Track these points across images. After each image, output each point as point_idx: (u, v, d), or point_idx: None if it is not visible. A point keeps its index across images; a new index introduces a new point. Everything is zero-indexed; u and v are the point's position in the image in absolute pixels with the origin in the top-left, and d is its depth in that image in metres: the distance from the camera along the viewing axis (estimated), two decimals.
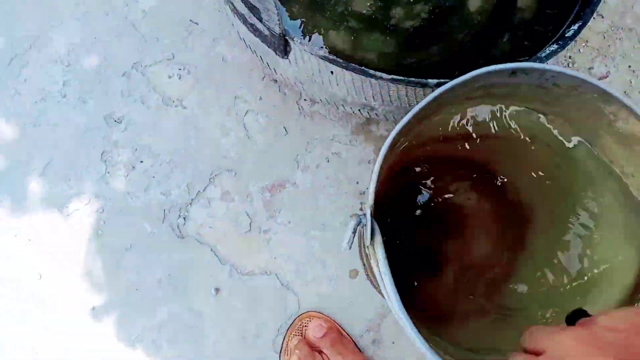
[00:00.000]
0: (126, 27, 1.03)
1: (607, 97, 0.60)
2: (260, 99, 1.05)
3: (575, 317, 0.43)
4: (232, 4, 0.83)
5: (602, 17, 1.20)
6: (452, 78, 0.60)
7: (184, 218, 0.96)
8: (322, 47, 0.78)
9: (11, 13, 1.02)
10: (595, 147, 0.69)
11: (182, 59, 1.04)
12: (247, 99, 1.04)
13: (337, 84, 0.86)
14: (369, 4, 1.00)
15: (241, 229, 0.98)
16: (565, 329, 0.37)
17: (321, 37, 0.98)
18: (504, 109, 0.75)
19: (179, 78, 1.03)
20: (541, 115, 0.74)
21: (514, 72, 0.62)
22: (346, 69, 0.80)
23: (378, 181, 0.55)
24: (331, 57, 0.79)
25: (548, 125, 0.74)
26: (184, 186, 0.98)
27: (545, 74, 0.61)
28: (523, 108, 0.74)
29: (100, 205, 0.96)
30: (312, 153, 1.04)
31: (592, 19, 0.97)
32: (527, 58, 0.83)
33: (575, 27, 0.88)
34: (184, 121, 1.01)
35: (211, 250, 0.96)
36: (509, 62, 0.61)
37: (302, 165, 1.03)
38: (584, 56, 1.18)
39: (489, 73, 0.60)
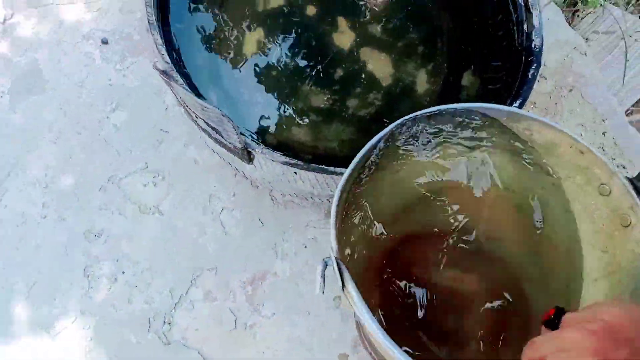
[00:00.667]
0: (100, 143, 1.09)
1: (516, 116, 0.70)
2: (234, 195, 1.09)
3: (556, 317, 0.44)
4: (197, 122, 0.89)
5: (545, 78, 1.30)
6: None
7: (169, 324, 0.98)
8: (283, 154, 0.84)
9: None
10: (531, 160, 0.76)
11: (156, 166, 1.09)
12: (221, 196, 1.09)
13: (302, 181, 0.91)
14: (325, 98, 1.08)
15: (226, 327, 0.99)
16: (564, 330, 0.38)
17: (284, 133, 1.05)
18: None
19: (154, 185, 1.08)
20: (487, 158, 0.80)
21: (429, 116, 0.70)
22: (307, 170, 0.85)
23: (336, 227, 0.59)
24: (292, 161, 0.85)
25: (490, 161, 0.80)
26: (167, 292, 1.00)
27: (457, 113, 0.70)
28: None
29: (86, 322, 0.97)
30: (289, 241, 1.07)
31: (536, 81, 1.05)
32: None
33: (517, 104, 0.95)
34: (161, 227, 1.05)
35: (198, 353, 0.97)
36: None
37: (280, 254, 1.06)
38: None
39: (401, 124, 0.69)
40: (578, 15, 1.50)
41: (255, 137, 1.04)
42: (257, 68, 1.08)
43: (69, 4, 1.17)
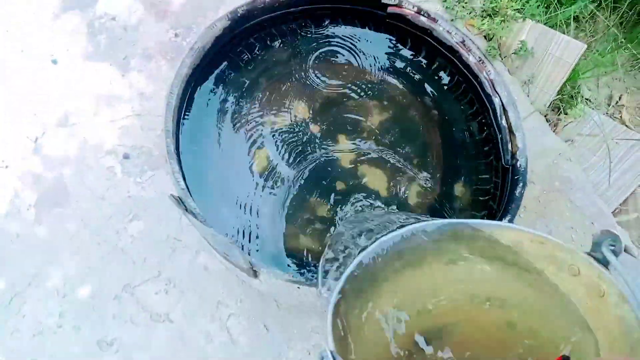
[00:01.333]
0: (116, 253, 1.16)
1: (475, 226, 0.76)
2: (241, 301, 1.15)
3: None
4: (209, 242, 0.97)
5: (534, 183, 1.39)
6: None
7: None
8: (284, 272, 0.90)
9: (10, 254, 1.15)
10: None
11: (168, 274, 1.16)
12: (228, 303, 1.14)
13: (305, 294, 0.97)
14: (327, 208, 1.16)
15: None
16: None
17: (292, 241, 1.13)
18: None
19: (166, 293, 1.13)
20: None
21: (404, 236, 0.76)
22: (309, 286, 0.92)
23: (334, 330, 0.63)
24: (295, 278, 0.91)
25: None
26: None
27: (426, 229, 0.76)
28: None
29: None
30: (294, 349, 1.11)
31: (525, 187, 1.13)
32: None
33: (507, 220, 1.03)
34: (171, 336, 1.09)
35: None
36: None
37: None
38: (525, 220, 1.33)
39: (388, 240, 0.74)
40: (562, 121, 1.62)
41: (262, 245, 1.11)
42: (265, 182, 1.18)
43: (94, 123, 1.30)
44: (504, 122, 1.19)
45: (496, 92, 1.20)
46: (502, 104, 1.19)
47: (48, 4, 1.47)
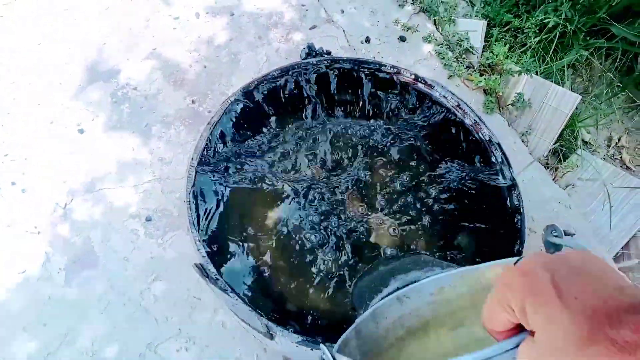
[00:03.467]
0: (141, 312, 1.24)
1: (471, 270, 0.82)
2: (257, 356, 1.21)
3: None
4: (229, 308, 1.04)
5: (535, 232, 1.44)
6: None
7: None
8: (298, 335, 0.97)
9: (43, 316, 1.24)
10: None
11: (188, 332, 1.22)
12: (245, 359, 1.20)
13: (318, 354, 1.03)
14: (339, 268, 1.23)
15: None
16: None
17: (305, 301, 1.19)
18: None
19: (186, 350, 1.20)
20: None
21: (398, 298, 0.81)
22: (324, 344, 0.98)
23: None
24: (307, 339, 0.98)
25: None
26: None
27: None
28: None
29: None
30: None
31: (527, 236, 1.19)
32: None
33: None
34: None
35: None
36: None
37: None
38: None
39: (382, 305, 0.79)
40: (561, 168, 1.69)
41: (276, 306, 1.18)
42: (277, 242, 1.25)
43: (119, 188, 1.40)
44: (501, 179, 1.26)
45: (492, 151, 1.27)
46: (499, 162, 1.26)
47: (74, 76, 1.61)
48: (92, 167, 1.44)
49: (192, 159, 1.18)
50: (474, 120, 1.31)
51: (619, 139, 1.94)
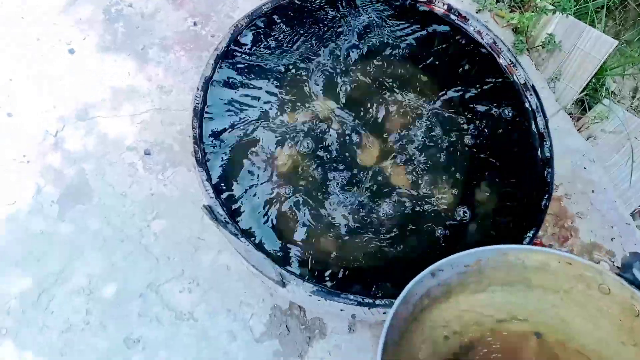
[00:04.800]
0: (140, 251, 1.17)
1: (503, 250, 0.80)
2: (263, 300, 1.16)
3: None
4: (240, 253, 0.97)
5: (556, 185, 1.37)
6: None
7: None
8: (313, 284, 0.91)
9: (36, 252, 1.16)
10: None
11: (191, 273, 1.17)
12: (250, 302, 1.16)
13: (330, 305, 0.98)
14: (350, 211, 1.16)
15: None
16: None
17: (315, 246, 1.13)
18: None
19: (189, 292, 1.15)
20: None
21: (432, 274, 0.78)
22: (336, 299, 0.93)
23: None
24: (321, 288, 0.92)
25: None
26: None
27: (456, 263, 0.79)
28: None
29: None
30: (314, 347, 1.13)
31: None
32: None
33: (531, 233, 1.03)
34: (195, 334, 1.11)
35: None
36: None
37: None
38: (545, 223, 1.33)
39: (416, 283, 0.75)
40: (586, 117, 1.59)
41: (286, 252, 1.11)
42: (290, 185, 1.17)
43: (114, 117, 1.28)
44: (533, 127, 1.16)
45: (526, 97, 1.17)
46: (532, 109, 1.16)
47: None
48: (84, 92, 1.30)
49: (197, 88, 1.05)
50: (510, 60, 1.19)
51: None
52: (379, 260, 1.19)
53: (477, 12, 1.56)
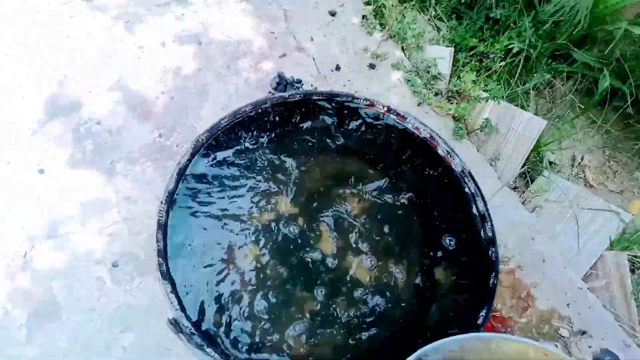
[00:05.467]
0: None
1: (487, 338, 0.84)
2: None
3: None
4: None
5: (507, 257, 1.46)
6: None
7: None
8: None
9: None
10: None
11: None
12: None
13: None
14: (315, 303, 1.20)
15: None
16: None
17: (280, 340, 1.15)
18: None
19: None
20: None
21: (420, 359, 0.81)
22: None
23: None
24: None
25: None
26: None
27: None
28: None
29: None
30: None
31: (500, 265, 1.19)
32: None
33: (484, 312, 1.09)
34: None
35: None
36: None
37: None
38: (503, 296, 1.40)
39: None
40: (529, 191, 1.72)
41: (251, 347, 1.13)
42: (252, 281, 1.22)
43: (82, 232, 1.33)
44: (474, 210, 1.27)
45: (465, 182, 1.28)
46: (472, 193, 1.27)
47: (33, 111, 1.52)
48: (53, 209, 1.36)
49: (161, 202, 1.13)
50: (447, 151, 1.32)
51: (582, 158, 2.00)
52: (350, 352, 1.22)
53: (418, 105, 1.73)
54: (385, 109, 1.36)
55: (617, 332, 1.39)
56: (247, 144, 1.35)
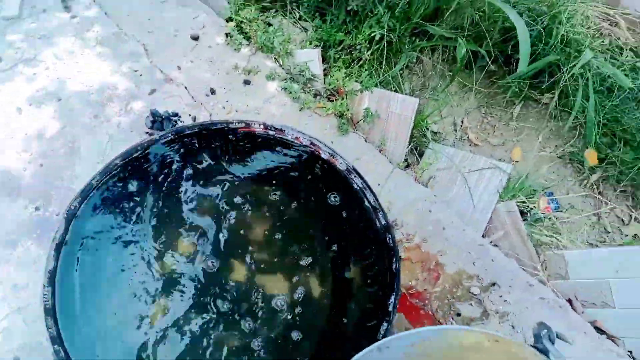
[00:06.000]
0: None
1: (447, 331, 0.86)
2: None
3: None
4: None
5: (411, 234, 1.54)
6: None
7: None
8: None
9: None
10: None
11: None
12: None
13: None
14: (238, 337, 1.20)
15: None
16: None
17: None
18: None
19: None
20: None
21: (379, 348, 0.83)
22: None
23: None
24: None
25: None
26: None
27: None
28: None
29: None
30: None
31: (402, 249, 1.26)
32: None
33: (393, 298, 1.15)
34: None
35: None
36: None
37: None
38: (413, 272, 1.48)
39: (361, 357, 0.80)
40: (419, 164, 1.83)
41: None
42: (167, 331, 1.18)
43: None
44: (366, 203, 1.32)
45: (352, 179, 1.33)
46: (360, 188, 1.33)
47: None
48: None
49: (44, 285, 1.06)
50: (329, 153, 1.36)
51: (462, 122, 2.16)
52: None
53: (300, 110, 1.76)
54: (262, 126, 1.37)
55: (520, 275, 1.52)
56: (134, 196, 1.30)
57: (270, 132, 1.41)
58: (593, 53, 1.89)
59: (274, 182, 1.42)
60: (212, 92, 1.75)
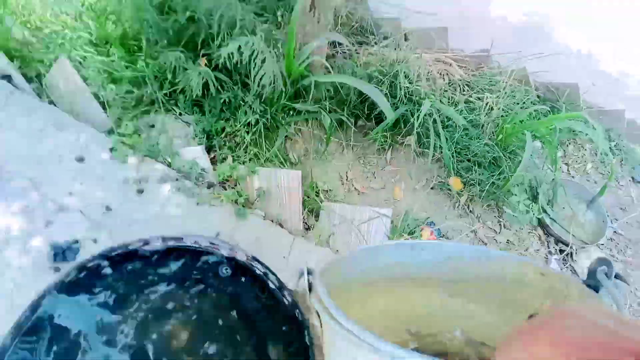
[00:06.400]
0: None
1: (487, 254, 0.82)
2: None
3: None
4: None
5: None
6: None
7: None
8: None
9: None
10: None
11: None
12: None
13: None
14: None
15: None
16: (537, 344, 0.41)
17: None
18: None
19: None
20: None
21: (412, 247, 0.80)
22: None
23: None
24: None
25: None
26: None
27: None
28: None
29: None
30: None
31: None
32: None
33: None
34: None
35: None
36: None
37: None
38: None
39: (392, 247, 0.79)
40: (313, 228, 2.03)
41: None
42: None
43: None
44: (271, 285, 1.48)
45: (254, 266, 1.49)
46: (263, 273, 1.48)
47: None
48: None
49: None
50: (229, 248, 1.50)
51: (347, 175, 2.43)
52: None
53: (197, 205, 1.89)
54: (160, 240, 1.48)
55: None
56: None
57: (170, 243, 1.52)
58: (432, 99, 2.28)
59: (188, 287, 1.53)
60: (108, 209, 1.82)
